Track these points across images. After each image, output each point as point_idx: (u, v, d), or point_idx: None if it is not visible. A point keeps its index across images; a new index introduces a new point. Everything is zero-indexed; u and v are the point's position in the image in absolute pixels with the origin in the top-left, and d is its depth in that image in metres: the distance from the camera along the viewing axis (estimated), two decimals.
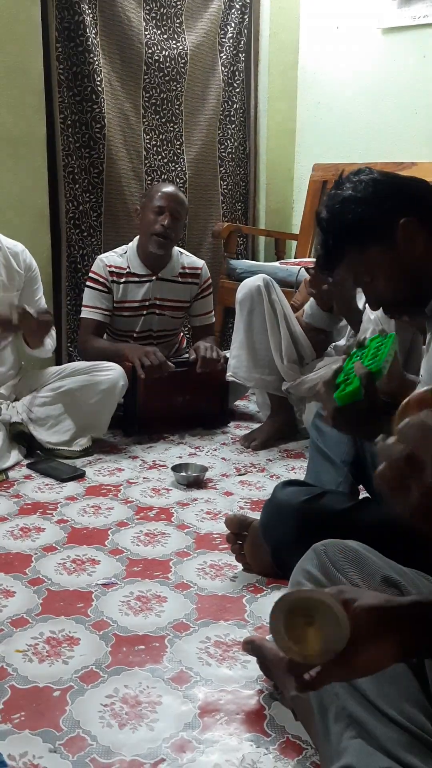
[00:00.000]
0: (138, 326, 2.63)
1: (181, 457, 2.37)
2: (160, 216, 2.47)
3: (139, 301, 2.59)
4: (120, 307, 2.59)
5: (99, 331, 2.58)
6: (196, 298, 2.71)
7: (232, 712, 1.17)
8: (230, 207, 3.68)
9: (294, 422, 2.59)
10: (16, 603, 1.46)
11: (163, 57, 3.16)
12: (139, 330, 2.64)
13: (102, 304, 2.56)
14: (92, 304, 2.56)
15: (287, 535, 1.37)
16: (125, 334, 2.65)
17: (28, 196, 2.72)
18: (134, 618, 1.42)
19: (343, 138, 3.60)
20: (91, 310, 2.56)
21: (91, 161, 2.96)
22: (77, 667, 1.27)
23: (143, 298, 2.59)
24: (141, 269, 2.58)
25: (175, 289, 2.64)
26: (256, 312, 2.44)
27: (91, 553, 1.69)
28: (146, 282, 2.58)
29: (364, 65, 3.48)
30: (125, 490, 2.09)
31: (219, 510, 1.96)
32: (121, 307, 2.59)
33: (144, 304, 2.60)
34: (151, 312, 2.63)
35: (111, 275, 2.55)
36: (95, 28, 2.89)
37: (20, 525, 1.83)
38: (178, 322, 2.74)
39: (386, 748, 0.78)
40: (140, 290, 2.58)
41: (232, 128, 3.60)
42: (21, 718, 1.13)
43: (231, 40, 3.51)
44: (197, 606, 1.48)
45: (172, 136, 3.31)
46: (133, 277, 2.57)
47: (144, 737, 1.10)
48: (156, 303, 2.61)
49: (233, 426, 2.72)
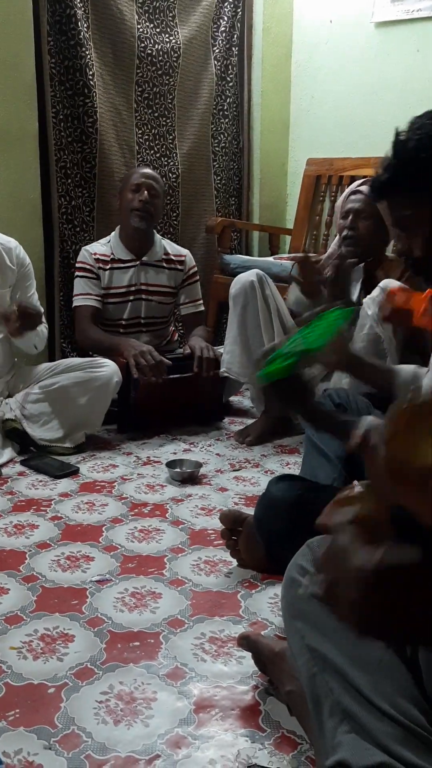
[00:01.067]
0: (126, 313, 2.67)
1: (175, 453, 2.37)
2: (137, 193, 2.57)
3: (125, 287, 2.65)
4: (107, 294, 2.65)
5: (94, 318, 2.63)
6: (183, 285, 2.76)
7: (227, 707, 1.17)
8: (224, 202, 3.67)
9: (288, 417, 2.59)
10: (10, 600, 1.46)
11: (155, 51, 3.15)
12: (128, 317, 2.68)
13: (93, 290, 2.62)
14: (84, 292, 2.62)
15: (282, 529, 1.37)
16: (114, 323, 2.68)
17: (21, 191, 2.70)
18: (129, 614, 1.42)
19: (337, 132, 3.60)
20: (84, 297, 2.62)
21: (84, 156, 2.95)
22: (72, 664, 1.26)
23: (129, 283, 2.65)
24: (125, 254, 2.65)
25: (160, 274, 2.70)
26: (249, 307, 2.44)
27: (86, 549, 1.69)
28: (131, 267, 2.66)
29: (358, 59, 3.47)
30: (119, 486, 2.09)
31: (213, 506, 1.96)
32: (108, 294, 2.65)
33: (130, 289, 2.66)
34: (138, 298, 2.68)
35: (97, 262, 2.63)
36: (87, 21, 2.87)
37: (14, 522, 1.82)
38: (166, 309, 2.77)
39: (381, 743, 0.78)
40: (126, 276, 2.65)
41: (226, 122, 3.59)
42: (16, 716, 1.13)
43: (224, 34, 3.49)
44: (192, 602, 1.48)
45: (165, 131, 3.29)
46: (117, 263, 2.65)
47: (139, 733, 1.10)
48: (142, 288, 2.67)
49: (227, 422, 2.72)
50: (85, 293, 2.61)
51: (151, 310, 2.71)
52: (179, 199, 3.39)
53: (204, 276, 3.53)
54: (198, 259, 3.51)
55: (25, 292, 2.39)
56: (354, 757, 0.78)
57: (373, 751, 0.77)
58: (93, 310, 2.62)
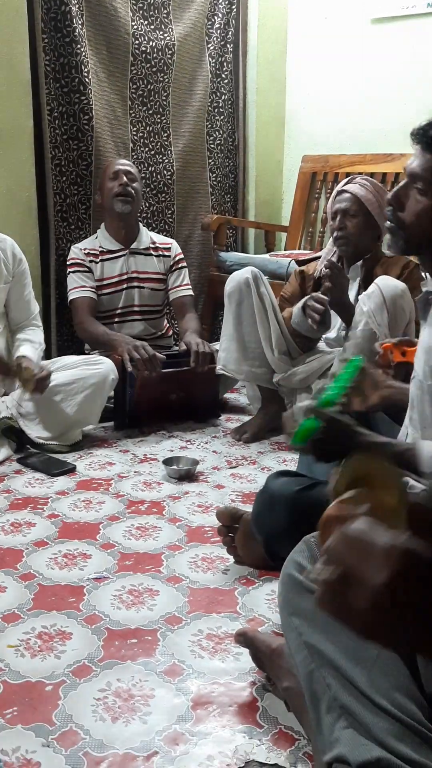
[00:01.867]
0: (120, 302, 2.74)
1: (172, 450, 2.37)
2: (116, 180, 2.67)
3: (117, 276, 2.73)
4: (101, 285, 2.71)
5: (92, 310, 2.68)
6: (171, 270, 2.83)
7: (224, 704, 1.17)
8: (219, 199, 3.66)
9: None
10: (8, 598, 1.46)
11: (150, 48, 3.14)
12: (122, 306, 2.75)
13: (87, 282, 2.69)
14: (79, 285, 2.68)
15: (279, 525, 1.37)
16: (110, 314, 2.74)
17: (16, 189, 2.69)
18: (126, 612, 1.42)
19: (332, 129, 3.59)
20: (80, 290, 2.68)
21: (80, 153, 2.94)
22: (69, 661, 1.26)
23: (120, 272, 2.73)
24: (113, 245, 2.74)
25: (148, 261, 2.79)
26: (245, 304, 2.44)
27: (83, 547, 1.69)
28: (120, 256, 2.73)
29: (354, 56, 3.47)
30: (116, 484, 2.09)
31: (210, 503, 1.96)
32: (102, 285, 2.71)
33: (123, 278, 2.73)
34: (131, 286, 2.75)
35: (87, 256, 2.71)
36: (81, 18, 2.86)
37: (11, 520, 1.82)
38: (159, 296, 2.82)
39: (378, 738, 0.78)
40: (116, 265, 2.73)
41: (221, 120, 3.58)
42: (13, 713, 1.13)
43: (218, 31, 3.48)
44: (189, 599, 1.48)
45: (160, 128, 3.28)
46: (107, 254, 2.73)
47: (137, 730, 1.10)
48: (134, 276, 2.75)
49: (224, 419, 2.72)
50: (79, 286, 2.67)
51: (145, 298, 2.77)
52: (174, 196, 3.39)
53: (200, 273, 3.53)
54: (194, 257, 3.52)
55: (21, 290, 2.39)
56: (352, 752, 0.78)
57: (370, 747, 0.78)
58: (89, 301, 2.67)
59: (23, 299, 2.40)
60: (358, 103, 3.48)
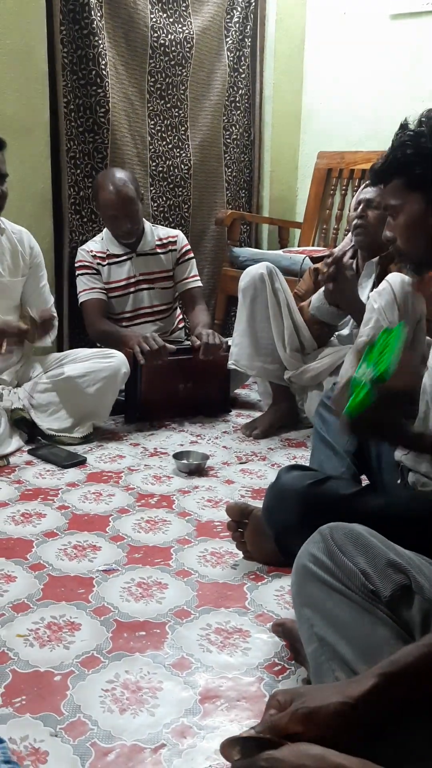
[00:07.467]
0: (128, 305, 2.72)
1: (182, 444, 2.37)
2: (116, 223, 2.61)
3: (124, 280, 2.70)
4: (108, 289, 2.69)
5: (102, 311, 2.67)
6: (177, 263, 2.79)
7: (232, 698, 1.17)
8: (234, 194, 3.65)
9: (295, 411, 2.58)
10: (18, 588, 1.47)
11: (168, 41, 3.13)
12: (131, 309, 2.73)
13: (96, 284, 2.67)
14: (88, 287, 2.66)
15: (291, 518, 1.36)
16: (119, 316, 2.72)
17: (31, 181, 2.70)
18: (135, 604, 1.42)
19: (348, 126, 3.57)
20: (89, 292, 2.66)
21: (95, 146, 2.93)
22: (78, 652, 1.27)
23: (127, 276, 2.70)
24: (119, 249, 2.70)
25: (156, 260, 2.75)
26: (258, 300, 2.43)
27: (92, 539, 1.69)
28: (127, 260, 2.70)
29: (371, 51, 3.44)
30: (126, 477, 2.09)
31: (220, 498, 1.96)
32: (109, 288, 2.69)
33: (129, 281, 2.71)
34: (139, 289, 2.72)
35: (95, 258, 2.67)
36: (100, 11, 2.85)
37: (21, 510, 1.83)
38: (169, 294, 2.80)
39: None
40: (123, 269, 2.70)
41: (237, 114, 3.57)
42: (22, 702, 1.14)
43: (237, 25, 3.47)
44: (198, 593, 1.48)
45: (177, 122, 3.28)
46: (113, 258, 2.69)
47: (144, 722, 1.10)
48: (141, 279, 2.71)
49: (234, 414, 2.72)
50: (89, 288, 2.66)
51: (155, 297, 2.75)
52: (191, 191, 3.38)
53: (213, 269, 3.53)
54: (207, 252, 3.51)
55: (37, 282, 2.39)
56: None
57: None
58: (100, 302, 2.66)
59: (39, 291, 2.41)
60: (375, 99, 3.45)
